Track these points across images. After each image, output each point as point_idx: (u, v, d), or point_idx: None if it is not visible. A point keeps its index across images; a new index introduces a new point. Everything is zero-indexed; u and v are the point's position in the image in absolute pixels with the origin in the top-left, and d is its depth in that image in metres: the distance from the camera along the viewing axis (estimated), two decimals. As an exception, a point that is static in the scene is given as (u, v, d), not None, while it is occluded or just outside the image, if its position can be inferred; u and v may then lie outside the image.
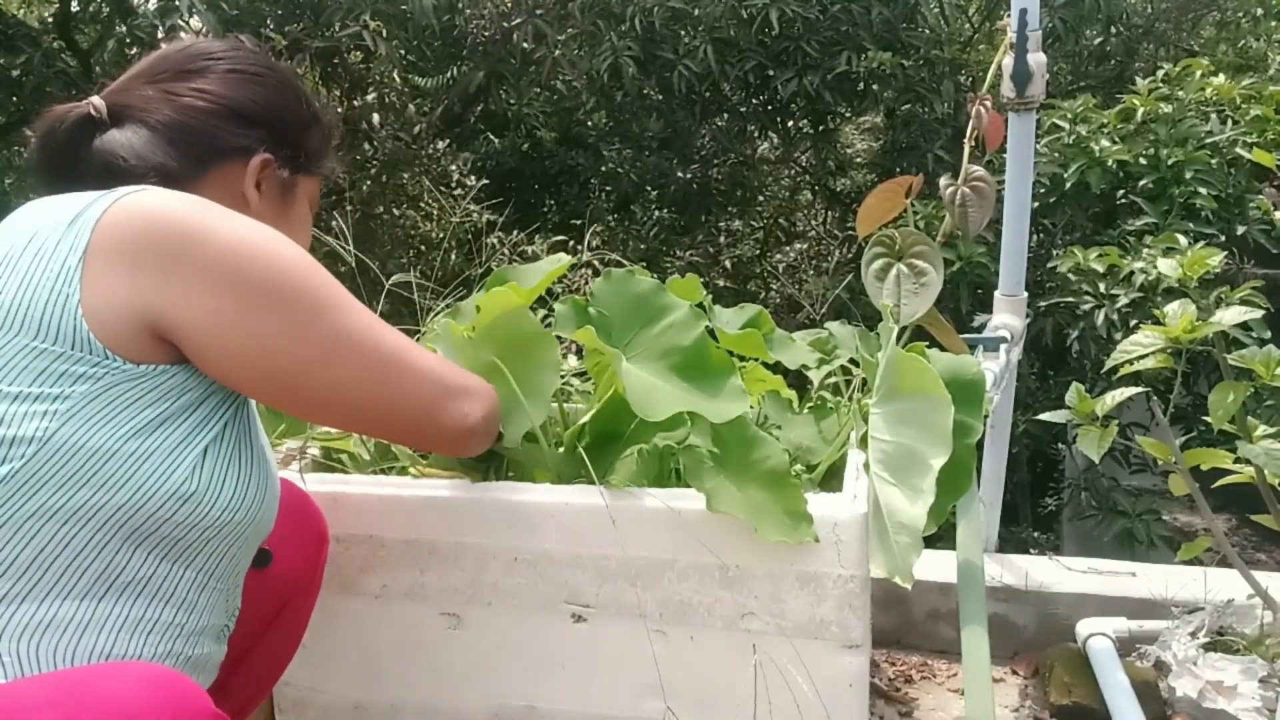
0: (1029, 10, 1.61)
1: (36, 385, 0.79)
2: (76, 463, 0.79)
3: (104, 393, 0.81)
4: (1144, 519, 3.18)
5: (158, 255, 0.83)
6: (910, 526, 1.07)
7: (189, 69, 1.04)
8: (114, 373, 0.81)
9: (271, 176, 1.06)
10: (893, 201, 1.45)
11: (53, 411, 0.79)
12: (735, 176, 5.55)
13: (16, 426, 0.78)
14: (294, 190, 1.10)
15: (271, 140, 1.06)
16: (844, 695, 1.12)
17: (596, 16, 4.70)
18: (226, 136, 1.02)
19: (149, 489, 0.82)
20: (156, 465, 0.83)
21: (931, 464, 1.08)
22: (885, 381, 1.17)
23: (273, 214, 1.04)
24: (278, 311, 0.87)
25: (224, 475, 0.87)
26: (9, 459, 0.78)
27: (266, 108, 1.06)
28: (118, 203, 0.85)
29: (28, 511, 0.78)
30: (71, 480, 0.79)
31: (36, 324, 0.80)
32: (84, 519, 0.80)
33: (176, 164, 0.98)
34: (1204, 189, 3.08)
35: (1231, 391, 1.39)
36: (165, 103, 1.01)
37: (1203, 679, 1.43)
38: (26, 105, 5.23)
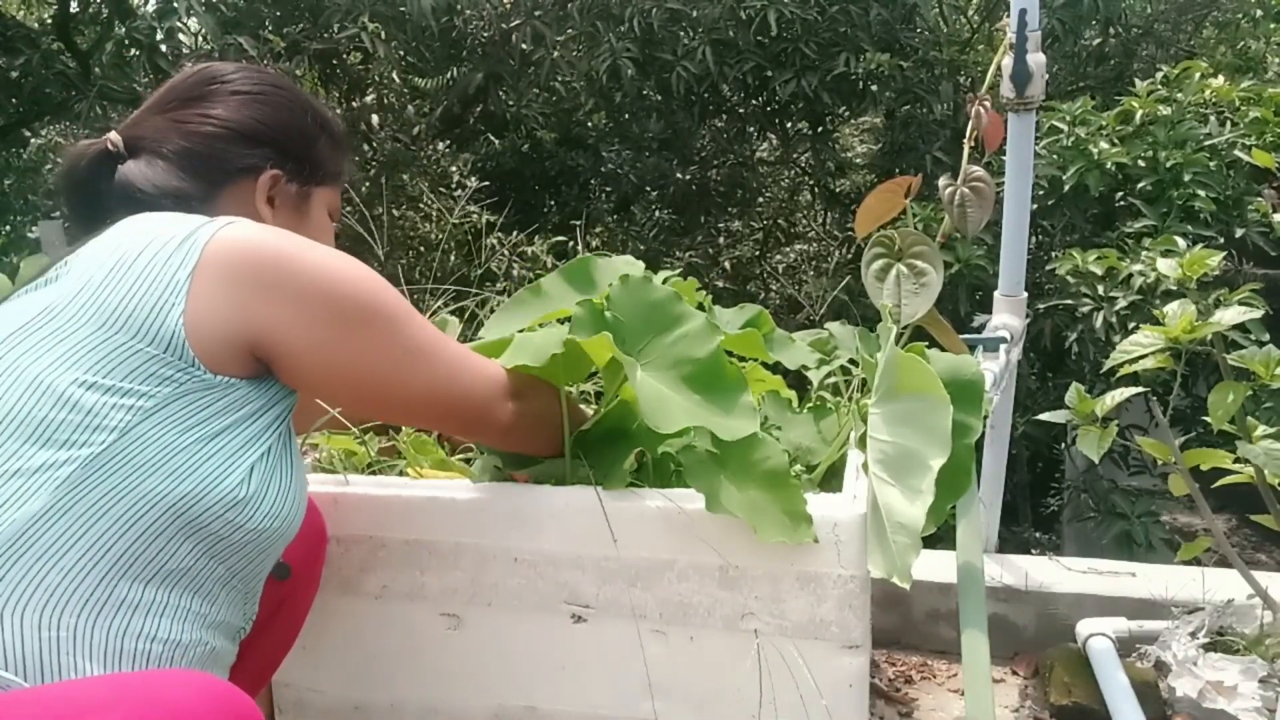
0: (1028, 11, 1.61)
1: (128, 381, 0.87)
2: (150, 453, 0.86)
3: (183, 396, 0.89)
4: (1143, 521, 3.18)
5: (261, 281, 0.92)
6: (908, 527, 1.07)
7: (195, 95, 1.10)
8: (194, 380, 0.89)
9: (282, 190, 1.12)
10: (892, 202, 1.45)
11: (138, 407, 0.86)
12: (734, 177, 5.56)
13: (104, 416, 0.85)
14: (308, 201, 1.15)
15: (278, 156, 1.11)
16: (844, 695, 1.12)
17: (595, 18, 4.71)
18: (233, 157, 1.09)
19: (207, 486, 0.89)
20: (217, 466, 0.90)
21: (930, 465, 1.08)
22: (884, 382, 1.17)
23: (289, 225, 1.08)
24: (363, 328, 0.98)
25: (269, 485, 0.95)
26: (91, 443, 0.85)
27: (271, 126, 1.11)
28: (224, 230, 0.93)
29: (102, 491, 0.84)
30: (143, 467, 0.86)
31: (138, 327, 0.88)
32: (148, 505, 0.86)
33: (190, 188, 1.06)
34: (1203, 191, 3.09)
35: (1231, 392, 1.40)
36: (174, 131, 1.08)
37: (1203, 679, 1.43)
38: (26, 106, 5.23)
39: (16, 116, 5.38)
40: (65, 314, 0.89)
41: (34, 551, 0.81)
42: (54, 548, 0.82)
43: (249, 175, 1.10)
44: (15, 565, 0.80)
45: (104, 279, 0.90)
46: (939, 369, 1.17)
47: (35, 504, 0.82)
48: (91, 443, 0.85)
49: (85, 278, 0.91)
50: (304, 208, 1.15)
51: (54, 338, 0.88)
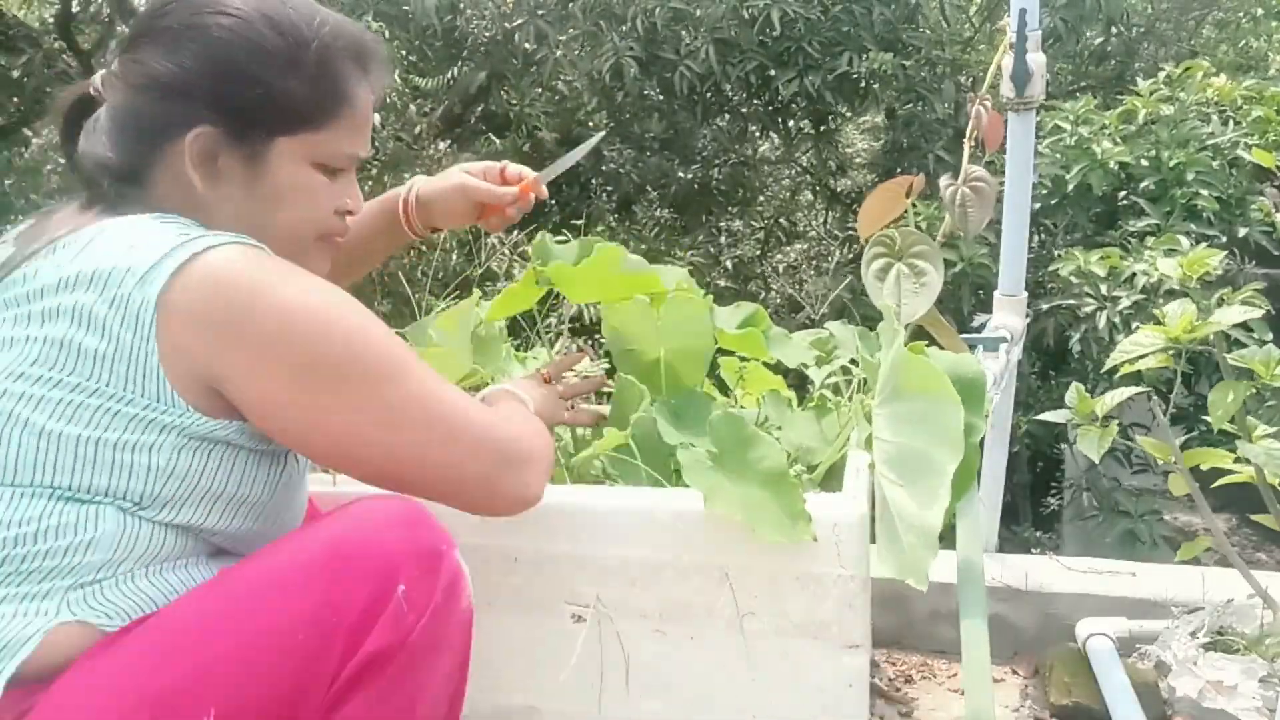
0: (1028, 10, 1.61)
1: (131, 433, 0.83)
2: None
3: (189, 441, 0.85)
4: (1146, 519, 3.18)
5: (215, 327, 0.82)
6: (923, 528, 1.06)
7: (136, 34, 0.95)
8: (197, 424, 0.85)
9: (226, 153, 0.92)
10: (893, 202, 1.45)
11: (159, 444, 0.84)
12: (736, 177, 5.55)
13: (126, 470, 0.83)
14: (264, 159, 0.94)
15: (212, 109, 0.91)
16: (844, 695, 1.12)
17: (598, 17, 4.70)
18: (157, 117, 0.92)
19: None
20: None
21: (945, 467, 1.08)
22: (889, 382, 1.17)
23: (241, 191, 0.94)
24: (330, 389, 0.85)
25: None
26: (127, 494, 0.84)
27: (199, 71, 0.91)
28: (189, 264, 0.83)
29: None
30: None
31: (124, 379, 0.82)
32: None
33: (125, 160, 0.92)
34: (1205, 190, 3.08)
35: (1232, 391, 1.40)
36: (118, 79, 0.94)
37: (1203, 679, 1.43)
38: (27, 106, 5.24)
39: (17, 116, 5.39)
40: (52, 358, 0.82)
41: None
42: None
43: (176, 138, 0.91)
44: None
45: (70, 316, 0.82)
46: (940, 368, 1.17)
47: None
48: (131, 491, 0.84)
49: (59, 314, 0.83)
50: (258, 169, 0.94)
51: (52, 386, 0.82)
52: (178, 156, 0.92)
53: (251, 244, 0.87)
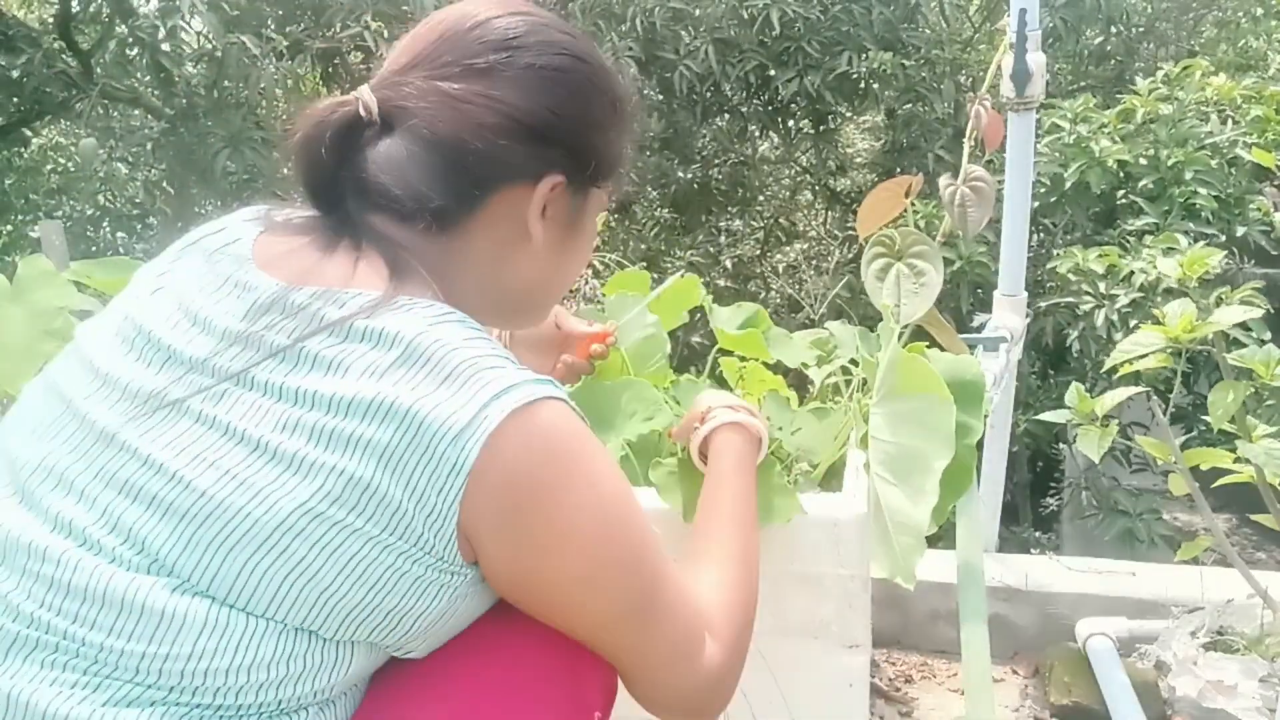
0: (1028, 10, 1.61)
1: (409, 598, 0.75)
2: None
3: (453, 595, 0.78)
4: (1145, 518, 3.18)
5: (513, 503, 0.75)
6: (912, 527, 1.07)
7: (478, 65, 0.84)
8: (465, 578, 0.78)
9: (561, 199, 0.88)
10: (893, 201, 1.45)
11: (429, 609, 0.77)
12: (736, 176, 5.55)
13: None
14: (584, 209, 0.92)
15: (567, 158, 0.87)
16: (844, 695, 1.12)
17: (597, 17, 4.70)
18: (514, 160, 0.85)
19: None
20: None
21: (934, 465, 1.09)
22: (886, 382, 1.18)
23: (558, 241, 0.90)
24: (596, 593, 0.80)
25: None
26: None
27: (569, 117, 0.86)
28: (504, 426, 0.73)
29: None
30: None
31: (418, 536, 0.73)
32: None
33: (454, 201, 0.83)
34: (1204, 189, 3.08)
35: (1231, 391, 1.40)
36: (447, 110, 0.82)
37: (1203, 678, 1.43)
38: (27, 106, 5.24)
39: (17, 116, 5.39)
40: (312, 491, 0.71)
41: None
42: None
43: (528, 181, 0.85)
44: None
45: (379, 455, 0.72)
46: (939, 369, 1.18)
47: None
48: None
49: (331, 445, 0.72)
50: (579, 220, 0.91)
51: (316, 526, 0.71)
52: (518, 197, 0.86)
53: (562, 397, 0.79)
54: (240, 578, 0.71)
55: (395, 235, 0.83)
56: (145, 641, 0.70)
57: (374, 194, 0.82)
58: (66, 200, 6.32)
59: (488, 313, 0.88)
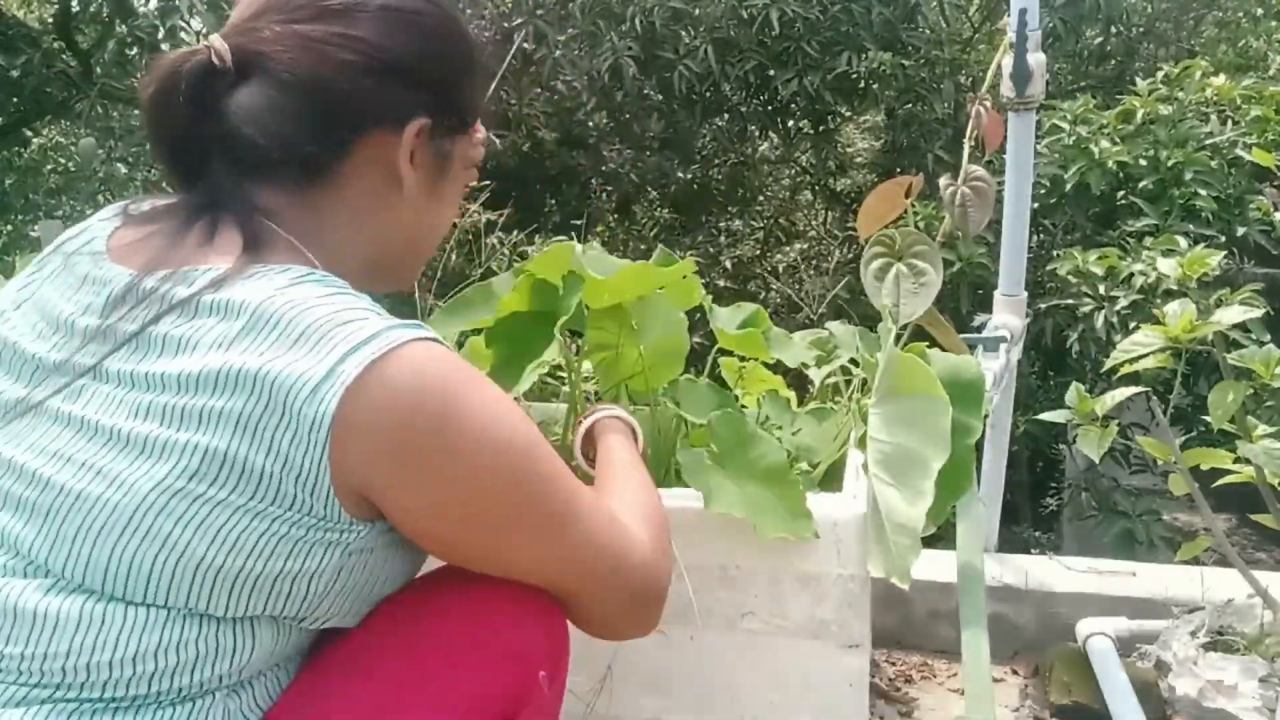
0: (1028, 10, 1.61)
1: (295, 560, 0.74)
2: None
3: (350, 557, 0.77)
4: (1144, 519, 3.18)
5: (393, 454, 0.73)
6: (908, 528, 1.07)
7: (333, 6, 0.82)
8: (359, 537, 0.76)
9: (428, 145, 0.87)
10: (893, 202, 1.45)
11: (322, 569, 0.76)
12: (735, 176, 5.55)
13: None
14: (452, 156, 0.91)
15: (432, 101, 0.86)
16: (844, 695, 1.12)
17: (597, 17, 4.70)
18: (381, 100, 0.84)
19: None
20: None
21: (931, 466, 1.09)
22: (884, 382, 1.18)
23: (428, 187, 0.89)
24: (508, 532, 0.80)
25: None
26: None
27: (429, 60, 0.86)
28: (364, 376, 0.71)
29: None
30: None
31: (291, 498, 0.72)
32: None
33: (321, 145, 0.82)
34: (1204, 190, 3.08)
35: (1231, 391, 1.40)
36: (304, 52, 0.80)
37: (1203, 678, 1.43)
38: (27, 106, 5.24)
39: (17, 116, 5.39)
40: (182, 458, 0.71)
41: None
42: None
43: (393, 125, 0.84)
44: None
45: (233, 424, 0.71)
46: (939, 369, 1.18)
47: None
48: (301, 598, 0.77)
49: (197, 412, 0.71)
50: (446, 165, 0.91)
51: (184, 495, 0.71)
52: (385, 142, 0.85)
53: (429, 336, 0.77)
54: (111, 565, 0.71)
55: (261, 201, 0.82)
56: (23, 644, 0.71)
57: (238, 148, 0.80)
58: (66, 200, 6.31)
59: (363, 272, 0.87)
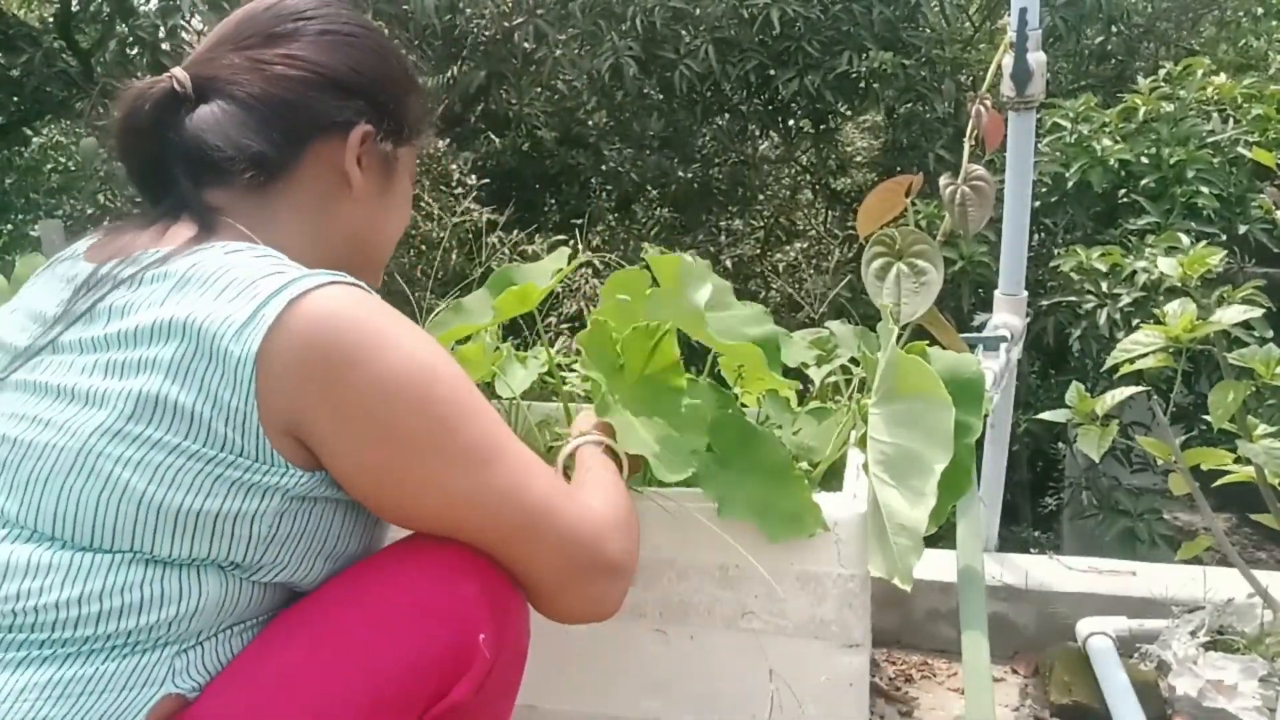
0: (1029, 9, 1.61)
1: (234, 500, 0.78)
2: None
3: (290, 503, 0.81)
4: (1145, 518, 3.18)
5: (312, 382, 0.78)
6: (910, 529, 1.07)
7: (277, 32, 0.94)
8: (297, 483, 0.80)
9: (373, 151, 0.98)
10: (893, 201, 1.45)
11: (262, 512, 0.80)
12: (736, 176, 5.55)
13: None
14: (395, 164, 1.01)
15: (372, 110, 0.97)
16: (844, 695, 1.12)
17: (597, 16, 4.70)
18: (325, 109, 0.94)
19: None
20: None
21: (933, 467, 1.08)
22: (884, 382, 1.17)
23: (376, 191, 0.99)
24: (420, 463, 0.82)
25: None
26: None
27: (365, 74, 0.97)
28: (287, 313, 0.78)
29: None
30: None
31: (223, 439, 0.77)
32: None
33: (273, 148, 0.91)
34: (1206, 188, 3.08)
35: (1232, 391, 1.39)
36: (254, 73, 0.92)
37: (1203, 678, 1.43)
38: (27, 105, 5.24)
39: (18, 115, 5.39)
40: (128, 403, 0.77)
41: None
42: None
43: (339, 132, 0.95)
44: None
45: (165, 369, 0.77)
46: (939, 368, 1.17)
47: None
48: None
49: (144, 364, 0.78)
50: (391, 172, 1.01)
51: (127, 439, 0.76)
52: (334, 150, 0.95)
53: (349, 281, 0.83)
54: (60, 507, 0.77)
55: (218, 202, 0.91)
56: None
57: (196, 156, 0.90)
58: (66, 199, 6.31)
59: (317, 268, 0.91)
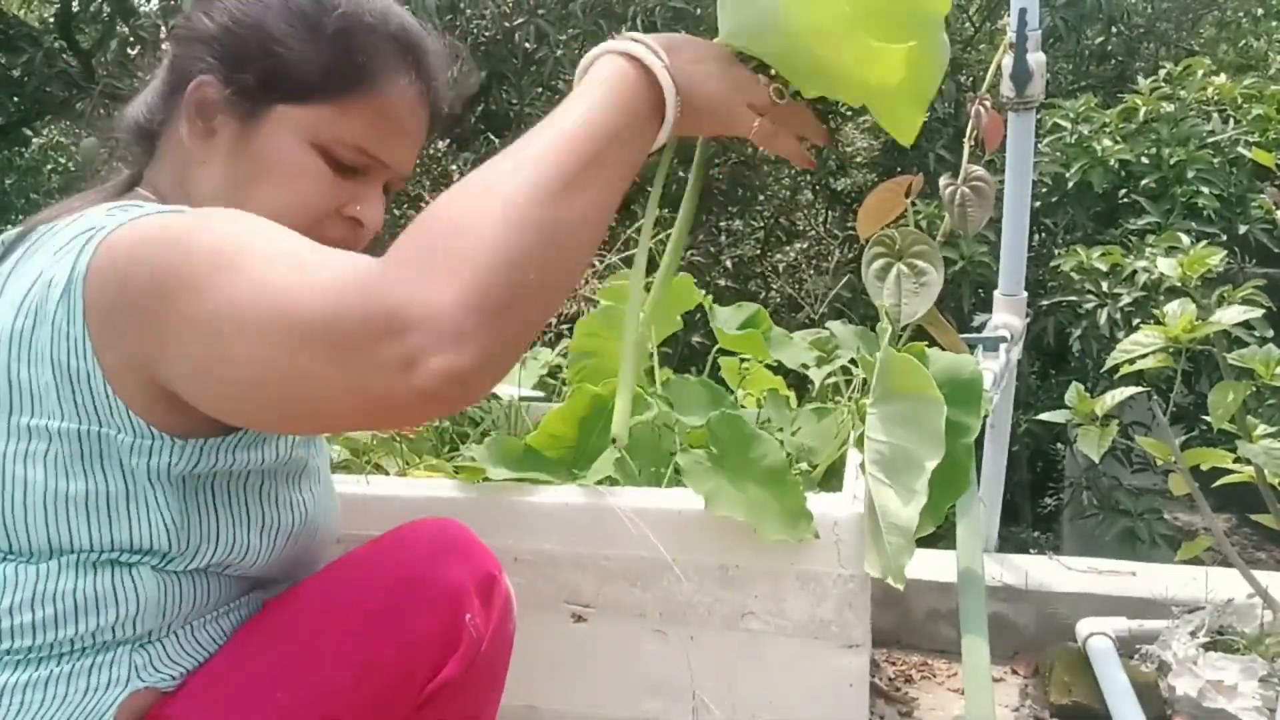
0: (1028, 10, 1.61)
1: (125, 482, 0.74)
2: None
3: (185, 479, 0.77)
4: (1146, 518, 3.18)
5: (130, 301, 0.70)
6: (903, 527, 1.07)
7: None
8: (180, 452, 0.76)
9: (224, 106, 0.85)
10: (893, 201, 1.44)
11: (157, 501, 0.76)
12: (736, 176, 5.54)
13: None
14: (259, 123, 0.85)
15: (221, 60, 0.85)
16: (844, 695, 1.12)
17: (598, 16, 4.70)
18: (185, 61, 0.87)
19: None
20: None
21: (925, 465, 1.08)
22: (881, 383, 1.17)
23: (228, 153, 0.85)
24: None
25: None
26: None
27: (220, 20, 0.86)
28: (98, 254, 0.71)
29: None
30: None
31: (89, 410, 0.72)
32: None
33: (153, 111, 0.89)
34: (1206, 188, 3.08)
35: (1232, 391, 1.39)
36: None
37: (1203, 678, 1.43)
38: (28, 105, 5.24)
39: (18, 115, 5.39)
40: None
41: None
42: None
43: (187, 84, 0.86)
44: None
45: (11, 353, 0.73)
46: (938, 369, 1.18)
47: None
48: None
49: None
50: (251, 134, 0.85)
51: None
52: (182, 106, 0.87)
53: (173, 210, 0.76)
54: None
55: (140, 166, 0.90)
56: None
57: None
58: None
59: None
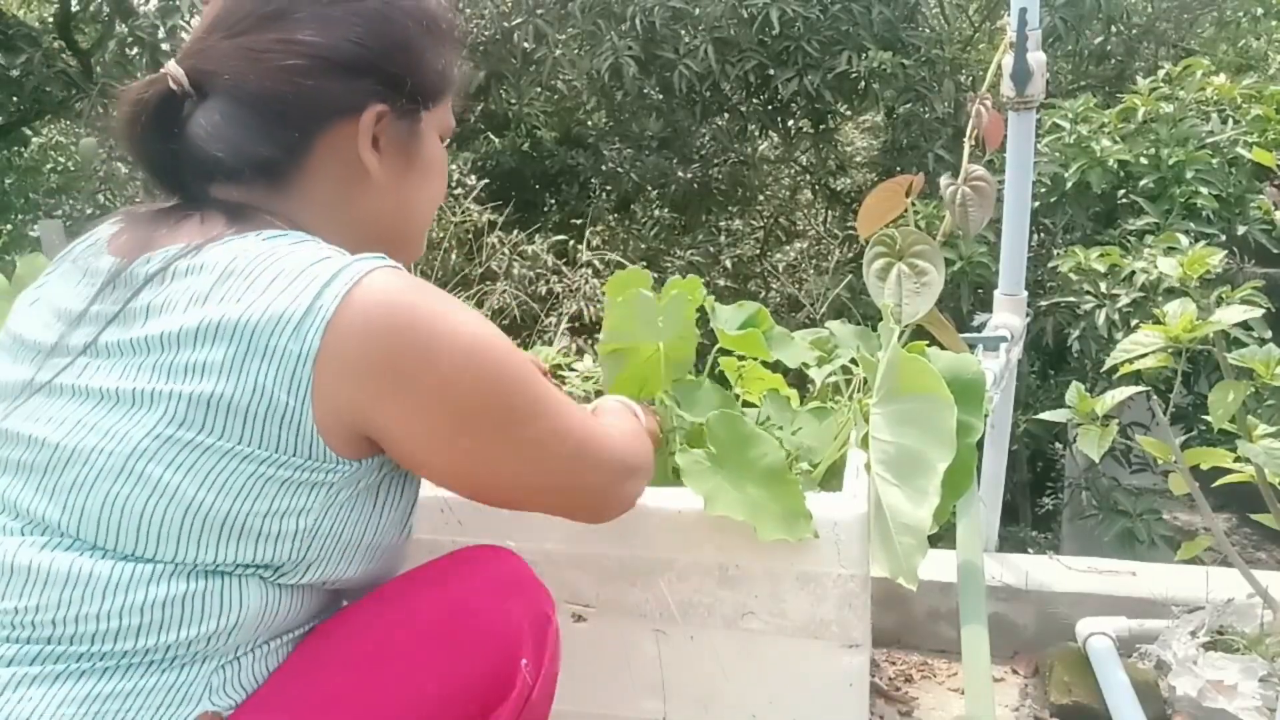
0: (1028, 9, 1.61)
1: (281, 499, 0.78)
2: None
3: (337, 496, 0.81)
4: (1145, 518, 3.18)
5: (377, 378, 0.77)
6: (914, 528, 1.07)
7: (267, 12, 0.85)
8: (344, 475, 0.80)
9: (389, 129, 0.89)
10: (893, 201, 1.45)
11: (308, 508, 0.79)
12: (735, 176, 5.55)
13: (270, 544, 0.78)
14: (418, 135, 0.92)
15: (384, 86, 0.88)
16: (844, 695, 1.12)
17: (597, 16, 4.70)
18: (330, 96, 0.86)
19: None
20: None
21: (936, 466, 1.08)
22: (886, 382, 1.17)
23: (399, 169, 0.91)
24: (489, 435, 0.83)
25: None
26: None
27: (370, 46, 0.86)
28: (343, 307, 0.75)
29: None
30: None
31: (275, 439, 0.76)
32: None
33: (279, 150, 0.85)
34: (1205, 188, 3.08)
35: (1231, 391, 1.39)
36: (249, 65, 0.84)
37: (1203, 678, 1.43)
38: (27, 105, 5.24)
39: (17, 115, 5.39)
40: (177, 407, 0.75)
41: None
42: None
43: (348, 116, 0.86)
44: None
45: (217, 371, 0.74)
46: (939, 368, 1.17)
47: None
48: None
49: (191, 360, 0.75)
50: (414, 144, 0.92)
51: (174, 443, 0.75)
52: (345, 134, 0.87)
53: (393, 266, 0.80)
54: (104, 513, 0.75)
55: (237, 197, 0.86)
56: (16, 598, 0.74)
57: (205, 164, 0.85)
58: (66, 199, 6.31)
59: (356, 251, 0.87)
